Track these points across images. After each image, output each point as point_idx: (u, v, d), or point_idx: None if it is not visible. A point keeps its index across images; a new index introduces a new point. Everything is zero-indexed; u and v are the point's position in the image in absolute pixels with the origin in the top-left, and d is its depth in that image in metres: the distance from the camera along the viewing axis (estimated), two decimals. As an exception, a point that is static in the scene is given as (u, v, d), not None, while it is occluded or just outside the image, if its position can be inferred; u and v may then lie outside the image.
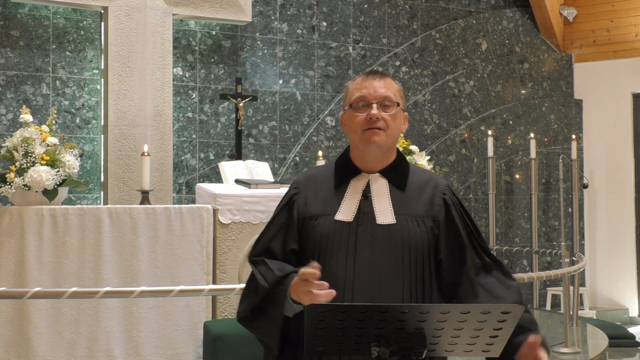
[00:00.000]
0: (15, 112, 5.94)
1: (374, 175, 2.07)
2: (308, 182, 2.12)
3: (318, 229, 2.02)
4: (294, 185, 2.14)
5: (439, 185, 2.10)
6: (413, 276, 1.99)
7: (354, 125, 2.04)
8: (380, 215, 2.01)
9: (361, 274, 1.96)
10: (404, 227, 2.00)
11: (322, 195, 2.07)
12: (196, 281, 4.65)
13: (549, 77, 8.39)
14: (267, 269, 2.01)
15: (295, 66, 7.12)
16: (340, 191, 2.06)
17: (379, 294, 1.95)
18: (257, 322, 2.01)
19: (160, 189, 6.01)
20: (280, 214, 2.11)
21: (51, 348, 4.35)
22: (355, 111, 2.04)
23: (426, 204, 2.05)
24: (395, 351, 1.68)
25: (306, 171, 2.24)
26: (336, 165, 2.13)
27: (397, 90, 2.08)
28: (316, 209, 2.05)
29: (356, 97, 2.04)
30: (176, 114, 6.53)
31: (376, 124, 2.01)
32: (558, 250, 6.05)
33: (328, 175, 2.11)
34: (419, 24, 7.78)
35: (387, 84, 2.06)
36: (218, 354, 4.32)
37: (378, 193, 2.04)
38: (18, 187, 4.37)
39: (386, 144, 2.04)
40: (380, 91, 2.03)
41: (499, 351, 1.75)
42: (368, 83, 2.04)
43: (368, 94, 2.03)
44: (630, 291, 8.19)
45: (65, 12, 6.18)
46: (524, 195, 8.04)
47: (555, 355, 4.79)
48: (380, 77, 2.06)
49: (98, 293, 3.36)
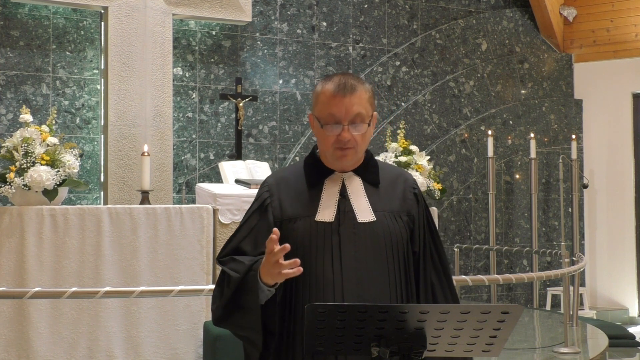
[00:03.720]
0: (15, 112, 5.94)
1: (347, 174, 2.07)
2: (279, 184, 2.07)
3: (299, 231, 1.99)
4: (264, 188, 2.09)
5: (408, 180, 2.13)
6: (397, 271, 2.01)
7: (324, 141, 2.01)
8: (360, 213, 2.01)
9: (348, 273, 1.96)
10: (384, 223, 2.01)
11: (297, 196, 2.04)
12: (196, 281, 4.65)
13: (549, 77, 8.39)
14: (236, 263, 1.98)
15: (295, 66, 7.12)
16: (315, 192, 2.04)
17: (368, 291, 1.95)
18: (234, 317, 1.98)
19: (160, 189, 6.01)
20: (251, 217, 2.06)
21: (51, 348, 4.35)
22: (325, 129, 1.99)
23: (400, 199, 2.07)
24: (395, 351, 1.68)
25: (275, 173, 2.16)
26: (306, 165, 2.10)
27: (368, 99, 2.02)
28: (294, 211, 2.02)
29: (326, 115, 1.99)
30: (176, 114, 6.53)
31: (346, 145, 1.98)
32: (558, 250, 6.05)
33: (299, 176, 2.08)
34: (419, 24, 7.78)
35: (358, 97, 1.99)
36: (218, 354, 4.32)
37: (354, 191, 2.04)
38: (18, 187, 4.37)
39: (355, 158, 2.04)
40: (351, 110, 1.97)
41: (499, 351, 1.75)
42: (339, 101, 1.97)
43: (339, 113, 1.97)
44: (630, 291, 8.19)
45: (65, 12, 6.18)
46: (524, 195, 8.04)
47: (555, 355, 4.79)
48: (350, 92, 1.98)
49: (98, 293, 3.37)
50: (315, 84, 7.22)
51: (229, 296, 1.96)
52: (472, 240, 7.73)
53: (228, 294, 1.97)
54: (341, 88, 1.98)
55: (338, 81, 2.01)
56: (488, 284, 6.34)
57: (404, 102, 7.59)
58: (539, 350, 5.07)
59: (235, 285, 1.95)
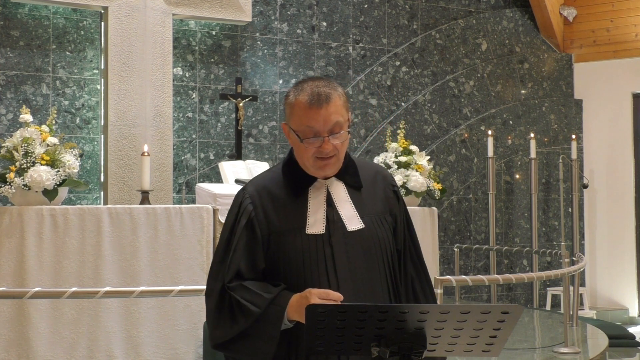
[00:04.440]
0: (15, 112, 5.94)
1: (330, 180, 2.02)
2: (261, 194, 1.99)
3: (289, 245, 1.95)
4: (247, 200, 1.99)
5: (386, 177, 2.11)
6: (389, 274, 2.01)
7: (304, 154, 1.94)
8: (348, 221, 1.98)
9: (345, 284, 1.93)
10: (372, 229, 1.99)
11: (282, 207, 1.98)
12: (196, 281, 4.65)
13: (549, 77, 8.39)
14: (250, 293, 1.92)
15: (295, 66, 7.12)
16: (300, 201, 1.98)
17: (366, 300, 1.94)
18: (241, 343, 1.93)
19: (160, 189, 6.01)
20: (242, 234, 1.97)
21: (51, 348, 4.35)
22: (303, 142, 1.92)
23: (382, 199, 2.06)
24: (395, 351, 1.68)
25: (253, 182, 2.06)
26: (285, 173, 2.02)
27: (343, 105, 1.95)
28: (282, 225, 1.96)
29: (304, 129, 1.91)
30: (176, 114, 6.53)
31: (328, 155, 1.94)
32: (558, 250, 6.06)
33: (280, 185, 2.00)
34: (419, 24, 7.78)
35: (334, 106, 1.92)
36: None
37: (339, 199, 2.01)
38: (18, 187, 4.37)
39: (337, 166, 2.00)
40: (329, 119, 1.91)
41: (499, 351, 1.75)
42: (315, 113, 1.90)
43: (317, 125, 1.90)
44: (630, 291, 8.19)
45: (65, 12, 6.18)
46: (524, 195, 8.04)
47: (555, 355, 4.79)
48: (325, 101, 1.90)
49: (98, 293, 3.36)
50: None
51: (244, 328, 1.91)
52: (472, 240, 7.73)
53: (243, 326, 1.91)
54: (316, 99, 1.91)
55: (311, 91, 1.92)
56: (488, 284, 6.34)
57: (404, 102, 7.59)
58: (539, 350, 5.07)
59: (254, 319, 1.90)
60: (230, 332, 1.93)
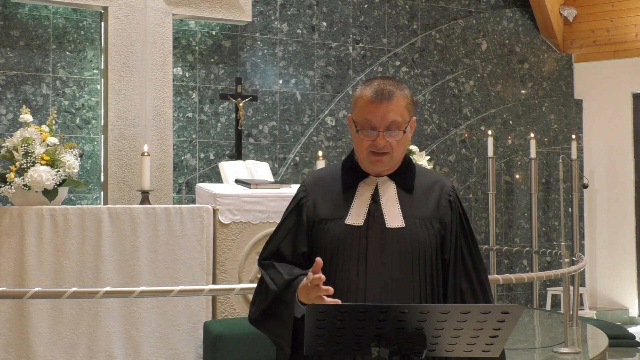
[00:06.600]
0: (15, 112, 5.94)
1: (382, 178, 2.08)
2: (316, 184, 2.12)
3: (329, 233, 2.03)
4: (302, 187, 2.14)
5: (445, 186, 2.12)
6: (422, 278, 2.01)
7: (360, 145, 2.03)
8: (389, 219, 2.02)
9: (372, 277, 1.97)
10: (413, 230, 2.01)
11: (331, 198, 2.08)
12: (196, 281, 4.65)
13: (549, 77, 8.39)
14: (276, 273, 2.03)
15: (295, 66, 7.12)
16: (348, 194, 2.07)
17: (391, 297, 1.96)
18: (268, 323, 2.04)
19: (160, 189, 6.01)
20: (289, 217, 2.12)
21: (51, 348, 4.35)
22: (360, 134, 2.01)
23: (433, 206, 2.07)
24: (395, 351, 1.68)
25: (314, 172, 2.21)
26: (343, 167, 2.13)
27: (405, 106, 2.02)
28: (326, 213, 2.06)
29: (362, 120, 2.00)
30: (176, 114, 6.53)
31: (381, 150, 2.00)
32: (558, 250, 6.05)
33: (335, 178, 2.11)
34: (419, 24, 7.78)
35: (395, 105, 1.99)
36: (218, 354, 4.32)
37: (387, 197, 2.05)
38: (18, 187, 4.37)
39: (390, 164, 2.05)
40: (387, 117, 1.98)
41: (499, 351, 1.75)
42: (375, 107, 1.98)
43: (374, 119, 1.98)
44: (630, 291, 8.19)
45: (65, 12, 6.18)
46: (524, 195, 8.04)
47: (555, 355, 4.79)
48: (388, 99, 1.98)
49: (98, 293, 3.36)
50: (315, 84, 7.24)
51: (267, 305, 2.03)
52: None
53: (266, 303, 2.04)
54: (378, 94, 1.99)
55: (377, 87, 2.01)
56: (488, 284, 6.32)
57: (404, 102, 7.59)
58: (539, 350, 5.07)
59: (273, 297, 2.01)
60: (258, 308, 2.07)
